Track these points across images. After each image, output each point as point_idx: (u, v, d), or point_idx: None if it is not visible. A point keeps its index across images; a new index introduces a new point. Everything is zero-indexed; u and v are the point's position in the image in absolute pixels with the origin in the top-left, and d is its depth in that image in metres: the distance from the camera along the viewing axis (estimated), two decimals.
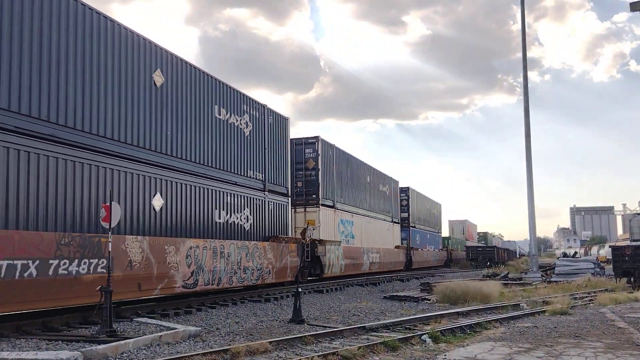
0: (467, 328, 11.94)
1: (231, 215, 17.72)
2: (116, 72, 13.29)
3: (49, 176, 11.26)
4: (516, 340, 10.50)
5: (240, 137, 18.57)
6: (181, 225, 15.24)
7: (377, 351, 9.33)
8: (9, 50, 10.67)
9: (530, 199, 31.85)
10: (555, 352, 9.20)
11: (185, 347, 9.58)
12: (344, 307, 16.68)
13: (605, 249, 63.12)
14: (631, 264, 24.79)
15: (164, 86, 14.99)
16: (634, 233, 48.34)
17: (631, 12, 15.11)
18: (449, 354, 9.18)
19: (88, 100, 12.42)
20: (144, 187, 13.93)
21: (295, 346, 9.73)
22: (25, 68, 10.94)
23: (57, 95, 11.61)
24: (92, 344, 9.12)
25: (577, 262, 33.06)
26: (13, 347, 9.17)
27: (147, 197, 13.97)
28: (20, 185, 10.64)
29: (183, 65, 15.77)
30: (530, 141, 32.03)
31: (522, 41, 33.19)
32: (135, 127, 13.84)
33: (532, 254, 33.37)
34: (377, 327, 11.90)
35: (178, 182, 15.21)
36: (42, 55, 11.33)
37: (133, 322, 11.94)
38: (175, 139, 15.32)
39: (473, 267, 54.74)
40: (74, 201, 11.80)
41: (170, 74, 15.23)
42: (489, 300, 17.42)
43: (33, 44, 11.15)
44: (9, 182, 10.43)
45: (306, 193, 24.68)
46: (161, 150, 14.69)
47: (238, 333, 11.35)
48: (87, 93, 12.40)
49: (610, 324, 12.61)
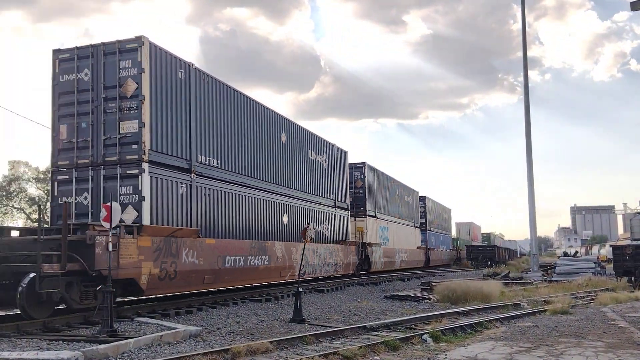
0: (468, 327, 11.94)
1: (318, 226, 24.80)
2: (262, 136, 20.11)
3: (243, 207, 18.46)
4: (517, 339, 10.50)
5: (322, 170, 25.81)
6: (296, 234, 21.81)
7: (378, 351, 9.32)
8: (213, 131, 17.09)
9: (531, 198, 31.84)
10: (556, 351, 9.19)
11: (186, 347, 9.58)
12: (345, 307, 16.68)
13: (606, 248, 63.10)
14: (632, 264, 24.75)
15: (287, 142, 22.17)
16: (634, 232, 48.23)
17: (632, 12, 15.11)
18: (450, 353, 9.18)
19: (249, 156, 19.17)
20: (278, 209, 21.03)
21: (296, 346, 9.73)
22: (222, 140, 17.56)
23: (234, 155, 18.20)
24: (92, 344, 9.12)
25: (577, 261, 33.01)
26: (14, 347, 9.17)
27: (279, 215, 21.10)
28: (231, 212, 17.70)
29: (296, 127, 23.28)
30: (530, 140, 32.04)
31: (523, 40, 33.19)
32: (271, 170, 20.70)
33: (533, 253, 33.36)
34: (378, 327, 11.90)
35: (293, 205, 22.39)
36: (228, 132, 17.93)
37: (134, 322, 11.94)
38: (291, 176, 22.39)
39: (474, 266, 54.71)
40: (253, 220, 18.99)
41: (289, 134, 22.49)
42: (490, 300, 17.41)
43: (226, 127, 17.81)
44: (227, 210, 17.46)
45: (356, 206, 31.15)
46: (285, 184, 21.73)
47: (239, 333, 11.35)
48: (247, 151, 18.99)
49: (611, 323, 12.60)
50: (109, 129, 14.27)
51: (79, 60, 14.65)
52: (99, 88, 14.41)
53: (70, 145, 14.54)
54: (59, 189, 14.61)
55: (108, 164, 14.18)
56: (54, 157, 14.82)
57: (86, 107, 14.48)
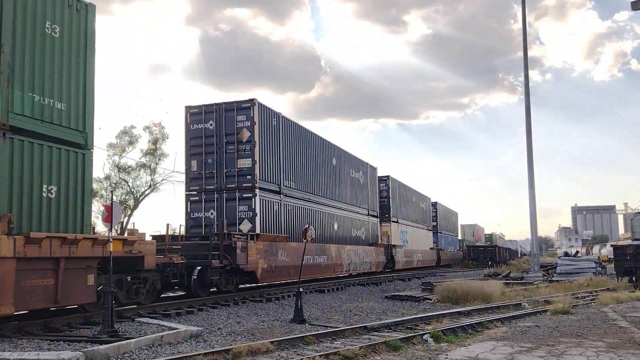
0: (469, 327, 11.93)
1: (358, 231, 30.40)
2: (318, 161, 25.55)
3: (310, 217, 23.96)
4: (518, 339, 10.50)
5: (359, 184, 31.33)
6: (343, 237, 27.65)
7: (379, 351, 9.32)
8: (291, 161, 22.70)
9: (532, 198, 31.83)
10: (557, 351, 9.19)
11: (187, 347, 9.58)
12: (346, 307, 16.68)
13: (607, 248, 63.07)
14: (633, 263, 24.73)
15: (336, 164, 27.79)
16: (635, 232, 48.28)
17: (632, 11, 15.10)
18: (451, 353, 9.18)
19: (312, 177, 24.64)
20: (331, 218, 26.52)
21: (296, 346, 9.73)
22: (296, 168, 23.11)
23: (303, 178, 23.72)
24: (93, 344, 9.13)
25: (578, 261, 32.98)
26: (15, 347, 9.18)
27: (332, 223, 26.61)
28: (303, 221, 22.73)
29: (342, 151, 28.75)
30: (531, 140, 32.04)
31: (523, 40, 33.19)
32: (326, 187, 26.20)
33: (534, 253, 33.35)
34: (379, 327, 11.89)
35: (340, 214, 27.86)
36: (299, 161, 23.49)
37: (134, 323, 11.95)
38: (339, 192, 28.00)
39: (474, 266, 54.67)
40: (316, 227, 23.66)
41: (338, 157, 28.05)
42: (491, 300, 17.40)
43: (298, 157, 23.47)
44: (301, 220, 22.84)
45: (381, 213, 35.83)
46: (335, 198, 27.20)
47: (239, 333, 11.35)
48: (310, 174, 24.43)
49: (612, 323, 12.60)
50: (229, 164, 20.00)
51: (206, 115, 20.38)
52: (221, 134, 20.13)
53: (200, 176, 20.24)
54: (191, 207, 20.27)
55: (228, 190, 19.91)
56: (188, 184, 20.53)
57: (211, 148, 20.20)
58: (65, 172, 11.39)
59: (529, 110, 32.23)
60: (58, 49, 11.48)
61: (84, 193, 11.78)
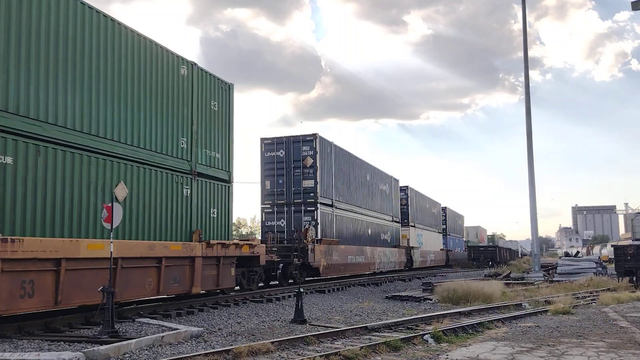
0: (470, 328, 11.92)
1: (385, 235, 35.71)
2: (357, 178, 30.97)
3: (352, 224, 29.53)
4: (518, 340, 10.49)
5: (385, 195, 36.51)
6: (374, 240, 33.18)
7: (380, 351, 9.31)
8: (340, 180, 28.04)
9: (532, 199, 31.77)
10: (558, 351, 9.18)
11: (188, 348, 9.57)
12: (346, 307, 16.67)
13: (608, 248, 63.00)
14: (633, 264, 24.71)
15: (370, 180, 33.12)
16: (636, 232, 48.22)
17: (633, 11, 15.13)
18: (451, 353, 9.17)
19: (353, 192, 30.11)
20: (365, 224, 31.91)
21: (297, 346, 9.72)
22: (343, 185, 28.55)
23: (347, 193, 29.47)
24: (94, 345, 9.13)
25: (579, 261, 32.96)
26: (15, 348, 9.17)
27: (366, 229, 31.98)
28: (347, 228, 28.40)
29: (374, 168, 34.19)
30: (532, 140, 31.97)
31: (524, 40, 33.15)
32: (362, 199, 31.52)
33: (534, 253, 33.29)
34: (379, 327, 11.88)
35: (372, 221, 33.25)
36: (345, 179, 29.31)
37: (135, 323, 11.94)
38: (372, 202, 33.28)
39: (475, 266, 54.62)
40: (356, 232, 30.03)
41: (371, 173, 33.50)
42: (491, 300, 17.38)
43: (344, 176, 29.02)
44: (346, 227, 28.16)
45: (402, 218, 41.04)
46: (368, 207, 32.56)
47: (240, 333, 11.35)
48: (352, 189, 29.82)
49: (613, 323, 12.59)
50: (296, 184, 25.03)
51: (277, 145, 25.39)
52: (289, 161, 25.16)
53: (272, 193, 25.24)
54: (265, 217, 25.48)
55: (295, 204, 25.00)
56: (262, 199, 25.40)
57: (281, 171, 25.22)
58: (220, 199, 16.94)
59: (529, 111, 32.18)
60: (216, 118, 17.00)
61: (228, 213, 17.39)
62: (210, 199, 16.28)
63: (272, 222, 25.11)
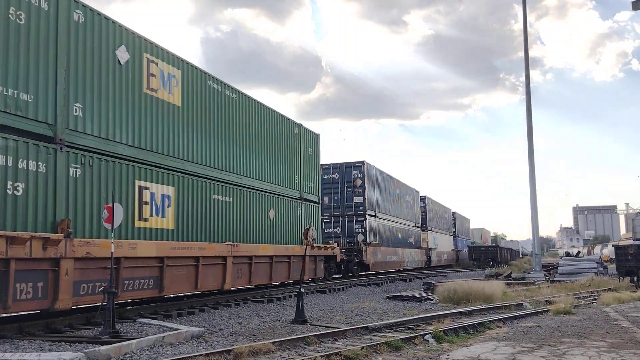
0: (470, 328, 11.91)
1: (410, 238, 42.02)
2: (390, 192, 37.23)
3: (388, 229, 36.10)
4: (519, 339, 10.48)
5: (410, 204, 42.90)
6: (402, 243, 39.09)
7: (380, 351, 9.31)
8: (380, 195, 35.62)
9: (533, 198, 31.75)
10: (559, 351, 9.17)
11: (188, 348, 9.57)
12: (347, 308, 16.66)
13: (609, 248, 62.97)
14: (634, 263, 24.68)
15: (399, 193, 39.53)
16: (637, 232, 48.17)
17: (633, 11, 15.14)
18: (452, 353, 9.16)
19: (389, 203, 37.04)
20: (397, 230, 38.37)
21: (298, 346, 9.72)
22: (382, 199, 36.23)
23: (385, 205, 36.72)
24: (95, 345, 9.13)
25: (580, 261, 32.93)
26: (16, 348, 9.17)
27: (397, 233, 38.11)
28: (386, 232, 35.76)
29: (402, 183, 40.48)
30: (532, 140, 31.96)
31: (524, 40, 33.15)
32: (394, 209, 37.81)
33: (535, 253, 33.28)
34: (380, 327, 11.87)
35: (402, 227, 39.61)
36: (382, 195, 36.30)
37: (136, 323, 11.94)
38: (401, 211, 39.60)
39: (476, 266, 54.60)
40: (391, 235, 37.08)
41: (400, 188, 39.71)
42: (492, 300, 17.36)
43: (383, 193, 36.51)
44: (385, 231, 35.33)
45: (421, 224, 46.95)
46: (398, 216, 38.73)
47: (241, 334, 11.35)
48: (388, 201, 36.81)
49: (614, 323, 12.57)
50: (348, 200, 31.72)
51: (332, 169, 32.09)
52: (342, 181, 31.97)
53: (329, 206, 31.62)
54: (324, 225, 30.56)
55: (348, 215, 31.65)
56: (322, 211, 27.55)
57: (337, 189, 32.01)
58: (313, 215, 23.20)
59: (530, 110, 32.18)
60: (311, 159, 23.59)
61: (318, 224, 24.14)
62: (309, 215, 22.65)
63: (330, 229, 31.67)
